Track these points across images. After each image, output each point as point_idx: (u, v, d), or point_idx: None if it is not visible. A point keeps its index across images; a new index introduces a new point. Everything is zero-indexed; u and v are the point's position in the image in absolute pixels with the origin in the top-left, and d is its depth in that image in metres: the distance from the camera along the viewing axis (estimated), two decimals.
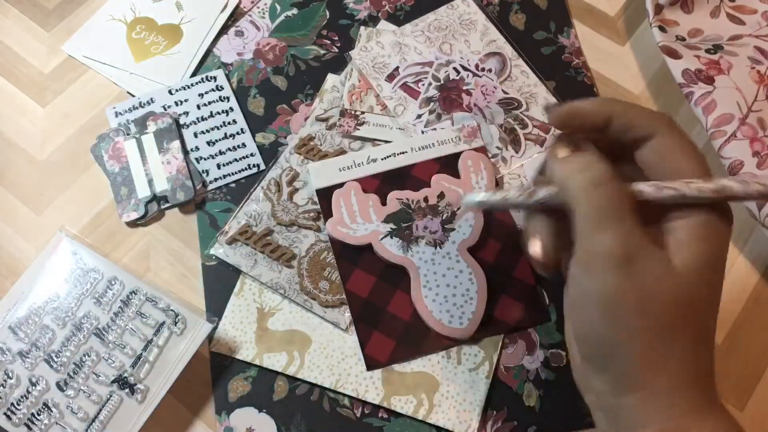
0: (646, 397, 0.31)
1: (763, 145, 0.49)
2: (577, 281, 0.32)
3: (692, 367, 0.31)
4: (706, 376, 0.32)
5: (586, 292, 0.32)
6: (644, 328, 0.30)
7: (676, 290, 0.30)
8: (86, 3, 0.59)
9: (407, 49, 0.55)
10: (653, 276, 0.30)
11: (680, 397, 0.31)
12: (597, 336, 0.32)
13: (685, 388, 0.31)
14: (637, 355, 0.31)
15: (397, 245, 0.47)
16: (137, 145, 0.52)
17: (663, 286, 0.30)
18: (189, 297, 0.48)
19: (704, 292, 0.31)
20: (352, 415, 0.45)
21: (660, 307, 0.30)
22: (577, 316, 0.33)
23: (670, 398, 0.31)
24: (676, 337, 0.30)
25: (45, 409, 0.42)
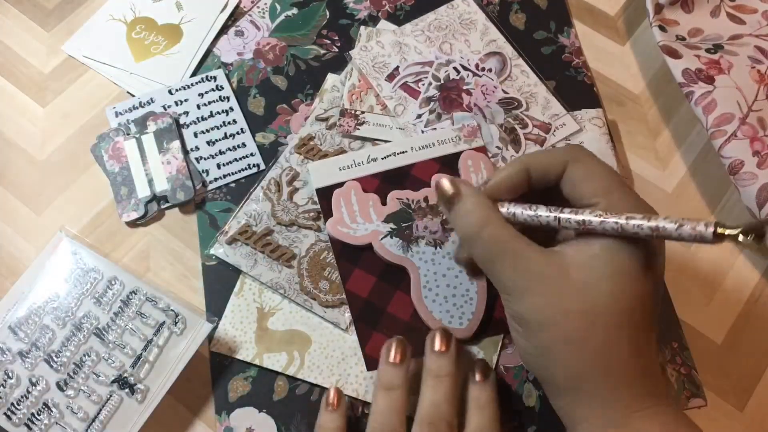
0: (572, 399, 0.35)
1: (763, 144, 0.49)
2: None
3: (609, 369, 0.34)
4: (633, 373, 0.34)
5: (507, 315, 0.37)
6: (553, 342, 0.34)
7: (575, 301, 0.34)
8: (86, 3, 0.59)
9: (407, 48, 0.55)
10: (550, 292, 0.34)
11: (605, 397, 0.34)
12: (521, 353, 0.38)
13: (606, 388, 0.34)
14: (553, 364, 0.35)
15: (397, 245, 0.47)
16: (137, 145, 0.52)
17: (562, 300, 0.34)
18: (189, 297, 0.48)
19: (604, 301, 0.33)
20: (352, 415, 0.45)
21: (567, 320, 0.34)
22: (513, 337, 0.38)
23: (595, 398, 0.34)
24: (582, 345, 0.34)
25: (45, 409, 0.42)
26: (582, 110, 0.53)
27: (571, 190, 0.37)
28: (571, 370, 0.35)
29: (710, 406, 0.45)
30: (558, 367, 0.35)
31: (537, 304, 0.35)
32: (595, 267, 0.34)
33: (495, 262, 0.36)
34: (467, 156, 0.50)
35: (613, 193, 0.35)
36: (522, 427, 0.44)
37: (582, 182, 0.36)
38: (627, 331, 0.34)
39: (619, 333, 0.34)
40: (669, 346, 0.46)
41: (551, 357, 0.35)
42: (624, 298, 0.34)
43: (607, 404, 0.34)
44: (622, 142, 0.54)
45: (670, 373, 0.45)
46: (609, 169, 0.37)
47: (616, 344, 0.34)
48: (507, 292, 0.36)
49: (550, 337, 0.34)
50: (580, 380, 0.34)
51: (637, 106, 0.56)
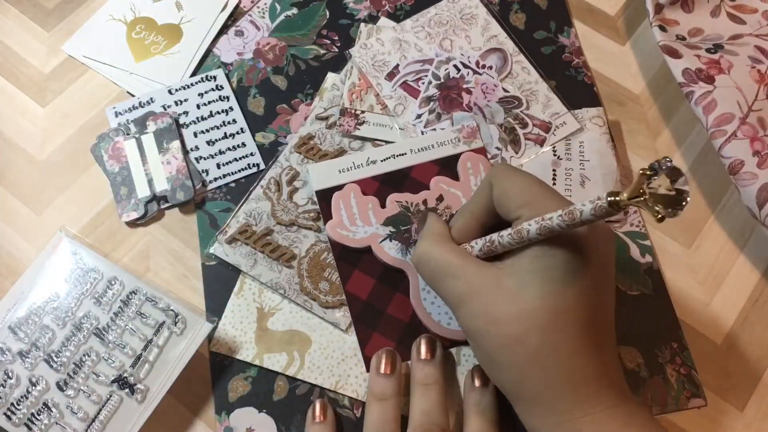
0: (523, 406, 0.36)
1: (763, 144, 0.48)
2: None
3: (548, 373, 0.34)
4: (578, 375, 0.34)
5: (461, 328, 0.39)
6: (492, 349, 0.35)
7: (509, 307, 0.34)
8: (86, 3, 0.59)
9: (407, 45, 0.55)
10: (488, 303, 0.35)
11: (551, 402, 0.34)
12: (478, 359, 0.39)
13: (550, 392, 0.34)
14: (497, 372, 0.36)
15: (396, 248, 0.47)
16: (137, 144, 0.52)
17: (497, 308, 0.35)
18: (189, 297, 0.48)
19: (541, 303, 0.34)
20: (352, 415, 0.45)
21: (499, 326, 0.35)
22: None
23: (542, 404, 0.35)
24: (518, 350, 0.34)
25: (45, 409, 0.43)
26: (582, 109, 0.53)
27: (499, 209, 0.38)
28: (511, 375, 0.35)
29: (710, 406, 0.45)
30: (502, 372, 0.36)
31: (473, 315, 0.36)
32: (523, 273, 0.35)
33: (438, 281, 0.39)
34: (466, 158, 0.50)
35: (535, 202, 0.36)
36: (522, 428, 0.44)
37: (505, 198, 0.37)
38: (564, 332, 0.34)
39: (555, 335, 0.34)
40: (669, 346, 0.46)
41: (494, 363, 0.36)
42: (555, 299, 0.34)
43: (552, 410, 0.34)
44: (622, 142, 0.54)
45: (670, 374, 0.46)
46: (530, 180, 0.38)
47: (552, 346, 0.34)
48: (451, 307, 0.38)
49: (488, 344, 0.35)
50: (522, 385, 0.35)
51: (637, 105, 0.56)
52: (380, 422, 0.41)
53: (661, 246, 0.50)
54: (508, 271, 0.36)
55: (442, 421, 0.40)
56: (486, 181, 0.39)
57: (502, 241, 0.36)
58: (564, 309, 0.34)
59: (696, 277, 0.49)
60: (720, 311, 0.49)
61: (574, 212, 0.31)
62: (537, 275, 0.34)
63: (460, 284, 0.37)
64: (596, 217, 0.30)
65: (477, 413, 0.41)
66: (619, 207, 0.29)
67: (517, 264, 0.36)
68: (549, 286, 0.34)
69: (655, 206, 0.28)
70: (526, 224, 0.34)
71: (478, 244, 0.38)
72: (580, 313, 0.34)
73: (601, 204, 0.30)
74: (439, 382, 0.42)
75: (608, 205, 0.29)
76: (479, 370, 0.43)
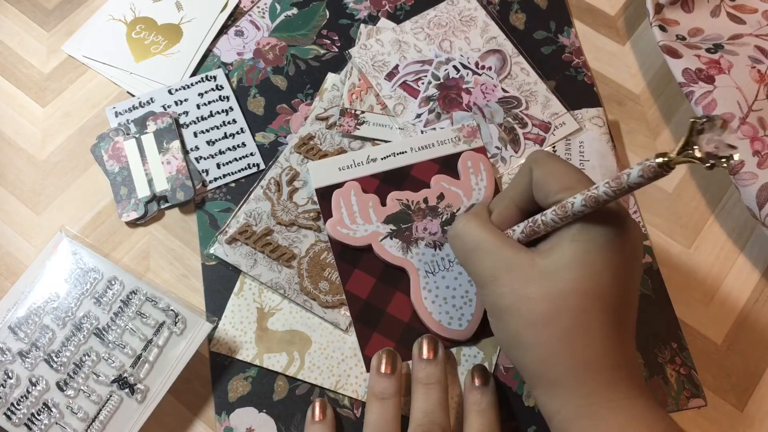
0: (544, 388, 0.35)
1: (763, 144, 0.48)
2: None
3: (577, 355, 0.34)
4: (604, 361, 0.34)
5: (486, 306, 0.38)
6: (521, 327, 0.35)
7: (542, 287, 0.34)
8: (86, 3, 0.59)
9: (407, 46, 0.55)
10: (520, 281, 0.35)
11: (575, 384, 0.34)
12: (499, 341, 0.38)
13: (575, 375, 0.34)
14: (522, 351, 0.36)
15: (397, 246, 0.47)
16: (137, 144, 0.52)
17: (529, 286, 0.35)
18: (189, 297, 0.48)
19: (570, 287, 0.34)
20: (352, 415, 0.45)
21: (530, 304, 0.34)
22: None
23: (566, 386, 0.34)
24: (548, 330, 0.34)
25: (45, 409, 0.43)
26: (582, 109, 0.53)
27: (537, 193, 0.38)
28: (536, 355, 0.35)
29: (710, 406, 0.45)
30: (526, 352, 0.35)
31: (502, 292, 0.36)
32: (558, 253, 0.35)
33: (470, 255, 0.38)
34: (467, 157, 0.50)
35: (575, 186, 0.36)
36: (522, 428, 0.44)
37: (545, 182, 0.37)
38: (594, 315, 0.34)
39: (585, 317, 0.34)
40: (669, 346, 0.46)
41: (521, 343, 0.35)
42: (590, 284, 0.34)
43: (575, 393, 0.34)
44: (622, 142, 0.54)
45: (670, 374, 0.46)
46: (570, 167, 0.38)
47: (582, 329, 0.34)
48: (480, 283, 0.38)
49: (517, 322, 0.35)
50: (547, 365, 0.35)
51: (637, 105, 0.56)
52: (380, 422, 0.41)
53: (661, 246, 0.50)
54: (544, 254, 0.35)
55: (443, 421, 0.40)
56: (526, 166, 0.39)
57: (545, 219, 0.36)
58: (597, 293, 0.34)
59: (696, 277, 0.49)
60: (720, 311, 0.49)
61: (621, 177, 0.31)
62: (573, 258, 0.34)
63: (493, 260, 0.37)
64: (644, 179, 0.30)
65: (477, 413, 0.41)
66: (669, 166, 0.29)
67: (553, 247, 0.35)
68: (585, 269, 0.34)
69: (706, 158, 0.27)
70: (571, 198, 0.34)
71: (520, 227, 0.38)
72: (611, 299, 0.34)
73: (650, 164, 0.29)
74: (441, 382, 0.42)
75: (658, 166, 0.29)
76: (479, 370, 0.43)
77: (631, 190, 0.31)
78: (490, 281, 0.37)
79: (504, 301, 0.36)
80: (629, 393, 0.34)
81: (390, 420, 0.41)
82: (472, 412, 0.42)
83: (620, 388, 0.34)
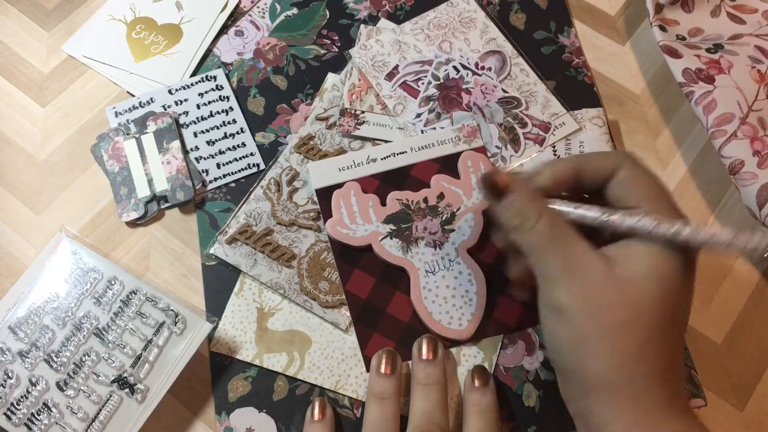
0: (606, 396, 0.34)
1: (763, 144, 0.48)
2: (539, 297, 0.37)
3: (648, 366, 0.34)
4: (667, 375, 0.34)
5: (543, 304, 0.37)
6: (592, 331, 0.34)
7: (619, 295, 0.34)
8: (86, 3, 0.59)
9: (407, 47, 0.55)
10: (594, 283, 0.34)
11: (639, 395, 0.34)
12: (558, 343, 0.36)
13: (643, 385, 0.34)
14: (590, 355, 0.34)
15: (397, 246, 0.47)
16: (137, 144, 0.52)
17: (605, 292, 0.34)
18: (189, 297, 0.48)
19: (648, 299, 0.34)
20: (352, 415, 0.45)
21: (605, 310, 0.34)
22: (544, 329, 0.37)
23: (629, 396, 0.34)
24: (624, 337, 0.34)
25: (45, 409, 0.43)
26: (582, 109, 0.53)
27: (617, 193, 0.37)
28: (606, 362, 0.34)
29: (710, 406, 0.45)
30: (592, 358, 0.34)
31: (581, 292, 0.34)
32: (640, 267, 0.35)
33: (546, 250, 0.36)
34: (467, 156, 0.50)
35: (656, 200, 0.36)
36: (522, 427, 0.44)
37: (630, 186, 0.37)
38: (666, 331, 0.34)
39: (659, 332, 0.34)
40: None
41: (587, 347, 0.34)
42: (666, 299, 0.34)
43: (638, 404, 0.33)
44: (622, 142, 0.54)
45: None
46: (656, 178, 0.37)
47: (656, 342, 0.34)
48: (552, 279, 0.36)
49: (591, 325, 0.34)
50: (615, 374, 0.34)
51: (637, 105, 0.56)
52: (380, 422, 0.41)
53: None
54: (620, 262, 0.35)
55: (443, 422, 0.40)
56: (612, 159, 0.38)
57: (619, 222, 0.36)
58: (673, 310, 0.34)
59: (696, 278, 0.49)
60: (720, 311, 0.48)
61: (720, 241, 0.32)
62: (654, 272, 0.34)
63: (569, 258, 0.35)
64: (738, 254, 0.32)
65: (477, 413, 0.41)
66: None
67: (630, 255, 0.35)
68: (665, 284, 0.34)
69: None
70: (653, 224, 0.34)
71: (561, 207, 0.38)
72: (681, 317, 0.35)
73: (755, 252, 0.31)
74: (440, 382, 0.42)
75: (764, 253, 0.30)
76: (479, 371, 0.43)
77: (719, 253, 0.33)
78: (566, 279, 0.35)
79: (575, 304, 0.34)
80: (680, 408, 0.34)
81: (389, 420, 0.41)
82: (471, 413, 0.42)
83: (675, 403, 0.34)
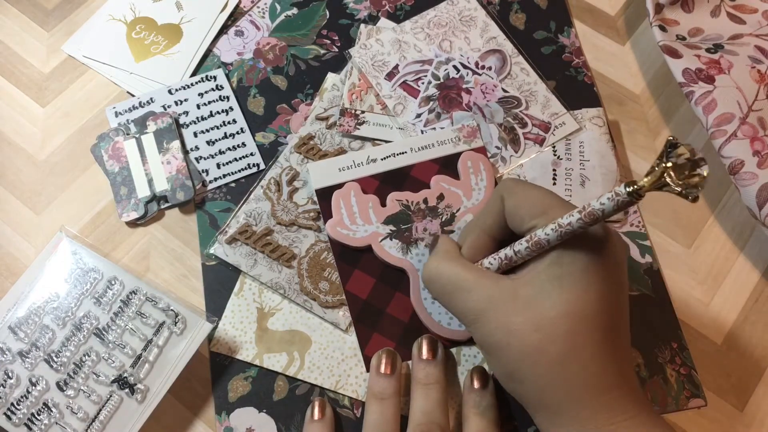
0: (547, 416, 0.35)
1: (763, 144, 0.48)
2: None
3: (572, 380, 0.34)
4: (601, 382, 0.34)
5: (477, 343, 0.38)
6: (514, 359, 0.35)
7: (530, 317, 0.34)
8: (86, 3, 0.59)
9: (407, 46, 0.55)
10: (505, 314, 0.35)
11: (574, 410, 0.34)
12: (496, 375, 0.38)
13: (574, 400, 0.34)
14: (519, 382, 0.35)
15: (397, 247, 0.47)
16: (137, 144, 0.52)
17: (517, 318, 0.34)
18: (189, 297, 0.48)
19: (561, 310, 0.33)
20: (353, 415, 0.45)
21: (520, 337, 0.34)
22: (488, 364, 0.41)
23: (567, 413, 0.34)
24: (540, 361, 0.34)
25: (45, 409, 0.43)
26: (582, 109, 0.53)
27: (512, 221, 0.38)
28: (533, 385, 0.35)
29: (710, 406, 0.45)
30: (524, 384, 0.35)
31: (490, 329, 0.35)
32: (540, 281, 0.35)
33: (450, 297, 0.38)
34: (467, 157, 0.50)
35: (549, 211, 0.36)
36: (522, 427, 0.44)
37: (518, 210, 0.37)
38: (586, 337, 0.33)
39: (575, 340, 0.33)
40: (669, 346, 0.46)
41: (516, 376, 0.35)
42: (576, 305, 0.33)
43: (576, 418, 0.34)
44: (622, 142, 0.54)
45: (670, 374, 0.46)
46: (542, 191, 0.37)
47: (575, 353, 0.33)
48: (466, 322, 0.38)
49: (508, 356, 0.35)
50: (544, 394, 0.34)
51: (637, 105, 0.56)
52: (379, 422, 0.41)
53: (661, 246, 0.50)
54: (524, 281, 0.35)
55: (443, 421, 0.40)
56: (496, 195, 0.39)
57: (520, 253, 0.36)
58: (585, 315, 0.33)
59: (696, 277, 0.49)
60: (720, 311, 0.49)
61: (595, 211, 0.31)
62: (555, 283, 0.34)
63: (474, 298, 0.36)
64: (618, 209, 0.30)
65: (476, 414, 0.41)
66: (640, 195, 0.29)
67: (532, 273, 0.35)
68: (569, 293, 0.34)
69: (678, 187, 0.28)
70: (542, 232, 0.34)
71: (495, 262, 0.38)
72: (600, 318, 0.34)
73: (621, 198, 0.30)
74: (440, 382, 0.42)
75: (628, 195, 0.29)
76: (479, 372, 0.43)
77: (604, 219, 0.32)
78: (475, 319, 0.36)
79: (493, 338, 0.35)
80: (630, 412, 0.33)
81: (389, 420, 0.41)
82: (471, 414, 0.42)
83: (621, 408, 0.33)
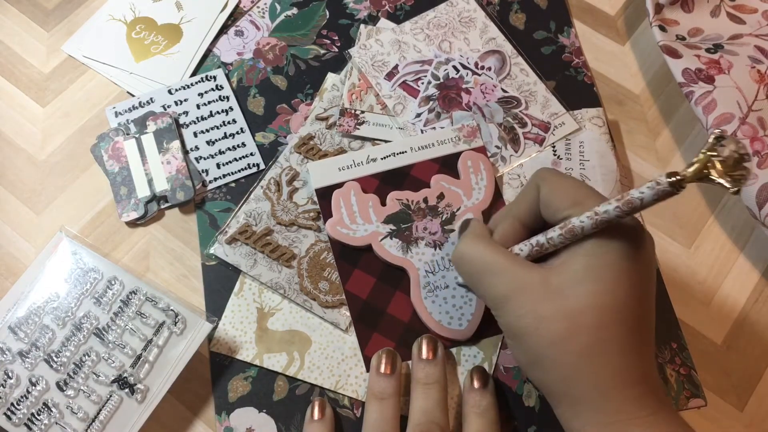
0: (568, 406, 0.35)
1: (763, 144, 0.48)
2: None
3: (598, 372, 0.33)
4: (626, 375, 0.34)
5: (502, 329, 0.38)
6: (540, 347, 0.34)
7: (556, 307, 0.34)
8: (86, 3, 0.59)
9: (406, 47, 0.55)
10: (534, 300, 0.35)
11: (599, 401, 0.34)
12: (519, 362, 0.38)
13: (599, 392, 0.33)
14: (544, 371, 0.35)
15: (397, 246, 0.47)
16: (137, 144, 0.52)
17: (546, 305, 0.34)
18: (189, 297, 0.48)
19: (584, 304, 0.33)
20: (352, 415, 0.45)
21: (548, 324, 0.34)
22: (511, 351, 0.40)
23: (590, 404, 0.34)
24: (566, 349, 0.34)
25: (45, 409, 0.43)
26: (582, 109, 0.53)
27: (545, 210, 0.38)
28: (558, 374, 0.34)
29: (710, 406, 0.45)
30: (548, 372, 0.35)
31: (519, 314, 0.35)
32: (572, 270, 0.34)
33: (479, 279, 0.38)
34: (467, 156, 0.50)
35: (584, 202, 0.35)
36: (522, 427, 0.44)
37: (553, 199, 0.37)
38: (613, 330, 0.33)
39: (604, 332, 0.33)
40: (668, 346, 0.46)
41: (542, 363, 0.35)
42: (607, 297, 0.33)
43: (600, 410, 0.33)
44: (622, 142, 0.54)
45: (670, 374, 0.46)
46: (577, 182, 0.37)
47: (602, 345, 0.33)
48: (493, 306, 0.37)
49: (536, 342, 0.35)
50: (570, 383, 0.34)
51: (637, 105, 0.56)
52: (379, 421, 0.41)
53: (661, 246, 0.50)
54: (557, 271, 0.35)
55: (442, 421, 0.40)
56: (532, 183, 0.39)
57: (553, 241, 0.36)
58: (615, 307, 0.33)
59: (696, 277, 0.49)
60: (720, 311, 0.49)
61: (633, 199, 0.31)
62: (588, 273, 0.34)
63: (504, 282, 0.36)
64: (657, 199, 0.31)
65: (476, 414, 0.41)
66: (681, 185, 0.29)
67: (565, 263, 0.35)
68: (600, 284, 0.34)
69: (722, 179, 0.28)
70: (577, 220, 0.34)
71: (526, 248, 0.38)
72: (629, 312, 0.34)
73: (662, 188, 0.30)
74: (440, 382, 0.42)
75: (670, 185, 0.29)
76: (479, 372, 0.43)
77: (642, 209, 0.31)
78: (504, 303, 0.36)
79: (520, 323, 0.35)
80: (652, 407, 0.33)
81: (389, 420, 0.41)
82: (471, 414, 0.42)
83: (644, 403, 0.33)
